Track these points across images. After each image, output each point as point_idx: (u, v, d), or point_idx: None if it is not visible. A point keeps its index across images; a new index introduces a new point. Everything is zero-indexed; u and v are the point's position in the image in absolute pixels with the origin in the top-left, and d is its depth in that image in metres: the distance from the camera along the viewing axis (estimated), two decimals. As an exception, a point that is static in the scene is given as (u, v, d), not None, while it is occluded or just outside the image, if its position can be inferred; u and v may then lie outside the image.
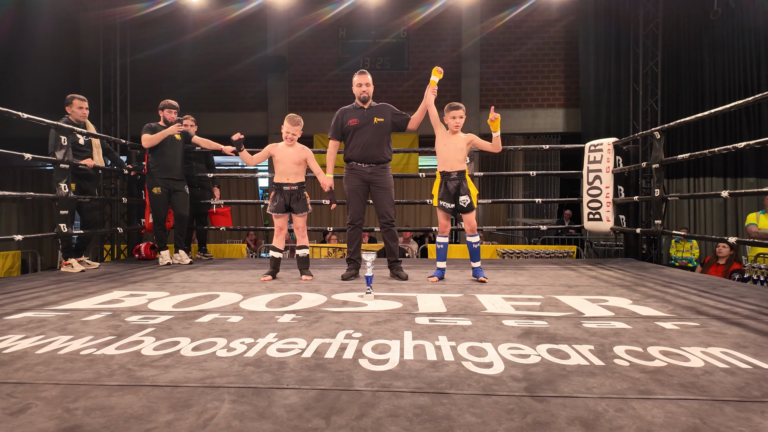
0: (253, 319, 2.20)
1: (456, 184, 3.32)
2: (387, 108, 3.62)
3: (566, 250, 6.81)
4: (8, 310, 2.42)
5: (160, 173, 4.36)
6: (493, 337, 1.90)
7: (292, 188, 3.45)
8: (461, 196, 3.31)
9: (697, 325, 2.11)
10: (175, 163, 4.45)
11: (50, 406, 1.23)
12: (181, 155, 4.53)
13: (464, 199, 3.30)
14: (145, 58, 8.77)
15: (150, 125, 4.40)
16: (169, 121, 4.46)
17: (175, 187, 4.45)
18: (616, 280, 3.45)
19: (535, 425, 1.14)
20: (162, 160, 4.38)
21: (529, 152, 10.16)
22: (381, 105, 3.63)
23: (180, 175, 4.50)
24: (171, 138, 4.41)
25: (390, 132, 3.60)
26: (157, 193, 4.36)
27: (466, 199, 3.30)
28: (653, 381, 1.42)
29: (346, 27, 9.92)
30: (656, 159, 4.20)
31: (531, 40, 9.90)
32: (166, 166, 4.38)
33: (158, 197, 4.37)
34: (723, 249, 5.21)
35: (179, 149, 4.51)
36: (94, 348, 1.74)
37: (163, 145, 4.37)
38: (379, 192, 3.54)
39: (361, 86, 3.51)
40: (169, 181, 4.40)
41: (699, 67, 8.12)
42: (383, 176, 3.54)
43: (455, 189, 3.32)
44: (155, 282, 3.36)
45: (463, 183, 3.32)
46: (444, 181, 3.35)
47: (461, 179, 3.32)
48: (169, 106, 4.51)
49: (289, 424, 1.14)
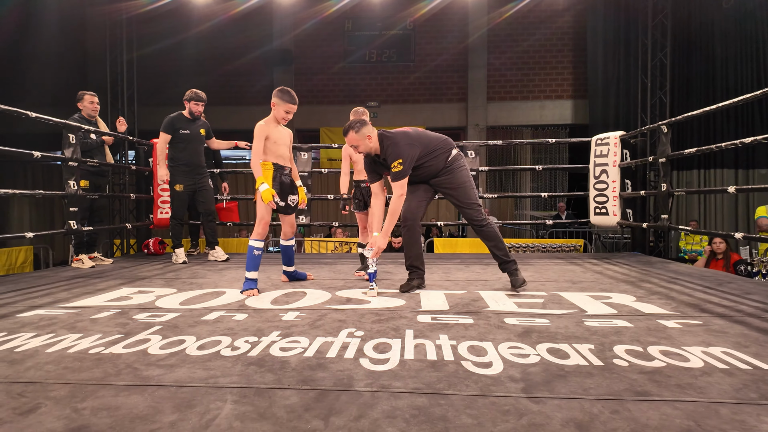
0: (258, 317, 2.23)
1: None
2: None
3: (573, 243, 6.79)
4: (20, 307, 2.48)
5: (183, 170, 4.27)
6: (494, 336, 1.92)
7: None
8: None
9: (699, 323, 2.11)
10: (198, 158, 4.37)
11: (59, 406, 1.28)
12: (203, 150, 4.44)
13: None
14: (151, 53, 8.81)
15: (171, 119, 4.23)
16: (195, 114, 4.30)
17: (200, 183, 4.37)
18: (621, 276, 3.44)
19: (530, 427, 1.16)
20: (185, 156, 4.27)
21: (537, 144, 10.09)
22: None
23: (203, 170, 4.42)
24: (195, 133, 4.31)
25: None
26: (179, 191, 4.26)
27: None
28: (651, 382, 1.43)
29: (351, 19, 9.87)
30: (663, 153, 4.16)
31: (539, 31, 9.79)
32: (188, 163, 4.28)
33: (179, 195, 4.28)
34: (720, 245, 5.12)
35: (202, 144, 4.41)
36: (102, 347, 1.79)
37: (186, 140, 4.26)
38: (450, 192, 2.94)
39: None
40: (194, 178, 4.32)
41: (710, 58, 7.99)
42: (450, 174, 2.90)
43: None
44: (163, 279, 3.41)
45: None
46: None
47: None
48: (196, 97, 4.29)
49: (289, 425, 1.17)
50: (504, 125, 10.02)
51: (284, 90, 2.88)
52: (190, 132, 4.27)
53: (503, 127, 10.03)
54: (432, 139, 2.90)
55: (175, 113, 4.29)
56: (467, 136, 9.62)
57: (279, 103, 2.87)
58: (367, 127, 2.81)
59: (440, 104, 9.93)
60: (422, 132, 2.94)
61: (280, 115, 2.89)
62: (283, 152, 2.96)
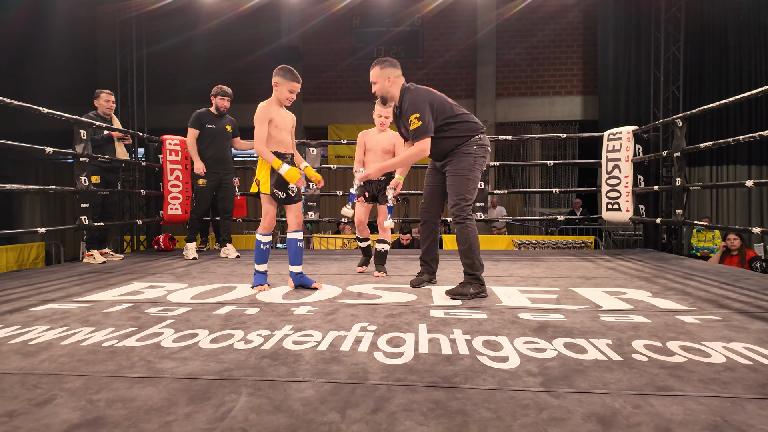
0: (270, 311, 2.22)
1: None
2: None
3: (584, 240, 6.72)
4: (33, 301, 2.49)
5: (209, 165, 4.22)
6: (509, 330, 1.89)
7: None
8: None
9: (718, 319, 2.06)
10: (224, 154, 4.31)
11: (74, 398, 1.27)
12: (230, 146, 4.40)
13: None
14: (160, 50, 8.85)
15: (198, 114, 4.22)
16: (222, 109, 4.27)
17: (225, 179, 4.33)
18: (634, 272, 3.39)
19: (551, 421, 1.13)
20: (211, 151, 4.23)
21: (547, 141, 10.01)
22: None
23: (229, 167, 4.37)
24: (221, 128, 4.28)
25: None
26: (202, 185, 4.21)
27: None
28: (672, 377, 1.40)
29: (359, 16, 9.85)
30: (677, 147, 4.10)
31: (548, 26, 9.70)
32: (214, 158, 4.24)
33: (203, 189, 4.23)
34: (735, 241, 5.03)
35: (228, 140, 4.37)
36: (115, 340, 1.78)
37: (211, 135, 4.23)
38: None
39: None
40: (219, 173, 4.27)
41: (724, 52, 7.86)
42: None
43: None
44: (174, 274, 3.42)
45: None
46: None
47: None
48: (222, 93, 4.25)
49: (305, 417, 1.16)
50: (513, 121, 9.95)
51: (286, 68, 2.66)
52: (216, 127, 4.24)
53: (512, 123, 9.96)
54: (458, 109, 2.68)
55: (203, 109, 4.26)
56: (476, 132, 9.56)
57: (282, 83, 2.65)
58: (395, 70, 2.67)
59: (448, 100, 9.87)
60: (450, 101, 2.73)
61: (283, 95, 2.68)
62: (284, 138, 2.74)
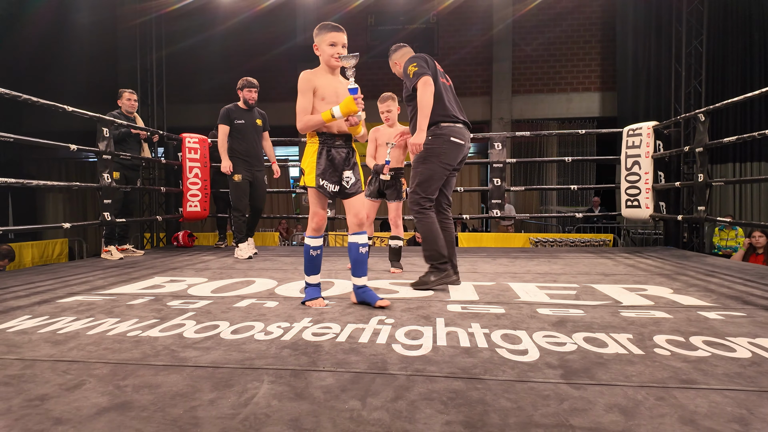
0: (288, 305, 2.25)
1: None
2: None
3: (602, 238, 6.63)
4: (60, 294, 2.56)
5: (241, 160, 4.15)
6: (527, 324, 1.88)
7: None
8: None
9: (743, 315, 2.02)
10: (256, 149, 4.24)
11: (102, 383, 1.31)
12: (261, 141, 4.33)
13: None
14: (179, 50, 8.97)
15: (227, 109, 4.14)
16: (250, 102, 4.16)
17: (257, 175, 4.25)
18: (655, 269, 3.34)
19: (572, 411, 1.13)
20: (242, 146, 4.15)
21: (564, 138, 9.89)
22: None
23: (260, 163, 4.30)
24: (251, 122, 4.19)
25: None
26: (238, 181, 4.11)
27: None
28: (696, 371, 1.38)
29: (374, 14, 9.85)
30: (700, 142, 4.02)
31: (566, 21, 9.57)
32: (246, 153, 4.15)
33: (239, 185, 4.12)
34: (760, 239, 4.91)
35: (259, 135, 4.29)
36: (139, 330, 1.83)
37: (242, 131, 4.16)
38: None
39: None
40: (251, 169, 4.19)
41: (748, 46, 7.66)
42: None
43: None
44: (194, 269, 3.48)
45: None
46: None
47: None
48: (248, 84, 4.15)
49: (326, 404, 1.17)
50: (529, 119, 9.85)
51: (321, 24, 2.19)
52: (245, 122, 4.16)
53: (529, 120, 9.86)
54: (444, 92, 2.64)
55: (231, 104, 4.19)
56: (492, 129, 9.50)
57: (319, 42, 2.16)
58: (405, 52, 2.89)
59: (464, 98, 9.82)
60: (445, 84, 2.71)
61: (326, 54, 2.16)
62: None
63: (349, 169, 2.22)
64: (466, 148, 2.71)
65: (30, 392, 1.25)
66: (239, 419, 1.10)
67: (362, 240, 2.21)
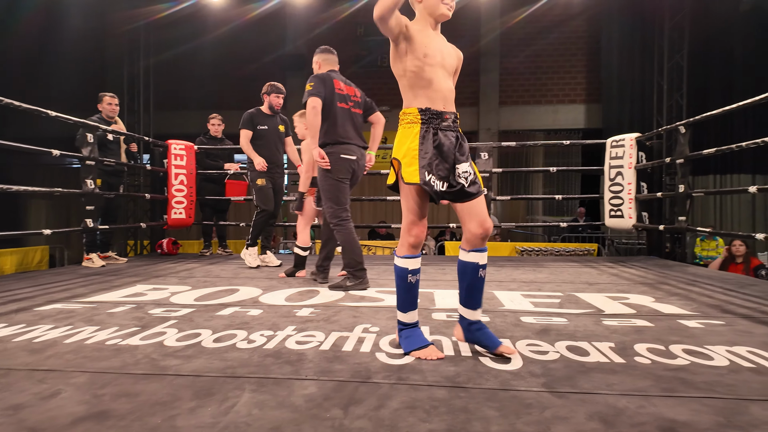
0: (273, 313, 2.23)
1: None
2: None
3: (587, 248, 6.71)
4: (39, 301, 2.50)
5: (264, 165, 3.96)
6: (512, 333, 1.89)
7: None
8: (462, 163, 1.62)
9: (722, 323, 2.06)
10: (277, 156, 4.11)
11: (79, 392, 1.28)
12: (283, 148, 4.21)
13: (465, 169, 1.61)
14: (168, 57, 8.94)
15: (249, 114, 3.97)
16: (276, 107, 4.02)
17: (277, 181, 4.10)
18: (638, 278, 3.39)
19: (555, 419, 1.13)
20: (264, 152, 3.96)
21: (550, 149, 10.03)
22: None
23: (280, 170, 4.16)
24: (273, 128, 4.04)
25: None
26: (261, 185, 3.93)
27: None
28: (676, 379, 1.39)
29: (364, 25, 9.91)
30: (681, 154, 4.10)
31: (552, 35, 9.74)
32: (268, 159, 3.97)
33: (263, 189, 3.94)
34: (740, 247, 5.01)
35: (281, 141, 4.15)
36: (119, 338, 1.79)
37: (263, 136, 4.00)
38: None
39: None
40: (273, 175, 4.02)
41: (729, 61, 7.87)
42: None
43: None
44: (177, 276, 3.43)
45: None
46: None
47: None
48: (276, 90, 3.99)
49: (308, 413, 1.16)
50: (516, 129, 9.97)
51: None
52: (268, 128, 4.01)
53: (516, 131, 9.98)
54: (338, 115, 2.92)
55: (253, 109, 4.02)
56: (479, 140, 9.59)
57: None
58: (319, 59, 3.04)
59: (452, 108, 9.91)
60: (340, 88, 2.96)
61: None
62: (439, 81, 1.64)
63: (464, 161, 1.60)
64: (358, 163, 2.99)
65: (4, 401, 1.22)
66: (219, 428, 1.08)
67: (483, 260, 1.59)
